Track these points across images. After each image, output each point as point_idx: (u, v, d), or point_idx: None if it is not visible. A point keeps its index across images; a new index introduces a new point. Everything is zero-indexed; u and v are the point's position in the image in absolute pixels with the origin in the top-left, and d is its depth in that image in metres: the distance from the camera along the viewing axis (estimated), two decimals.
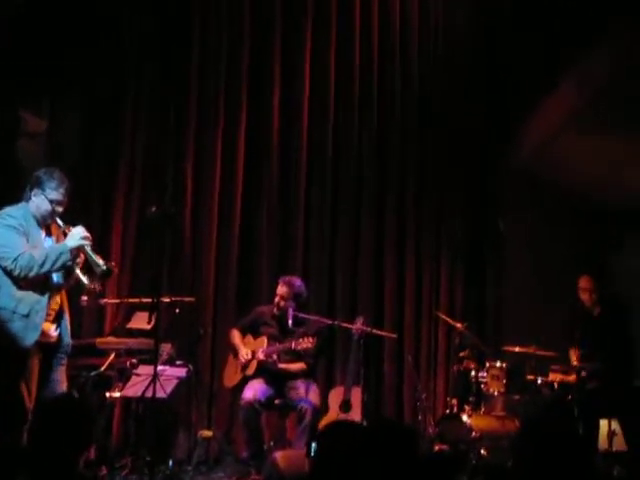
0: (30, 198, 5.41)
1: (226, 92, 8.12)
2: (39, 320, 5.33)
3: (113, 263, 5.51)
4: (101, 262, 5.38)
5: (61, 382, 5.47)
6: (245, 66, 8.19)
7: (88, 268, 5.49)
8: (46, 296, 5.39)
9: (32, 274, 5.23)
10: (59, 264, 5.29)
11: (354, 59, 8.50)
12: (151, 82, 7.94)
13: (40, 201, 5.40)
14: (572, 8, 7.50)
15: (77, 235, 5.35)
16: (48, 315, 5.39)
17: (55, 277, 5.45)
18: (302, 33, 8.37)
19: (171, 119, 8.00)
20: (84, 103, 7.72)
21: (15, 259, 5.21)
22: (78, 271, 5.47)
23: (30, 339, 5.29)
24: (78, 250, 5.40)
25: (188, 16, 8.09)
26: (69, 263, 5.35)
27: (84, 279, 5.49)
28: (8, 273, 5.26)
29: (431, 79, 8.70)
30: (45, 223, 5.49)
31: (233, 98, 8.13)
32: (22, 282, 5.28)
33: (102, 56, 7.72)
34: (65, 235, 5.45)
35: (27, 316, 5.28)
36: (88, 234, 5.40)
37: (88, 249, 5.41)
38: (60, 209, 5.43)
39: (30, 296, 5.30)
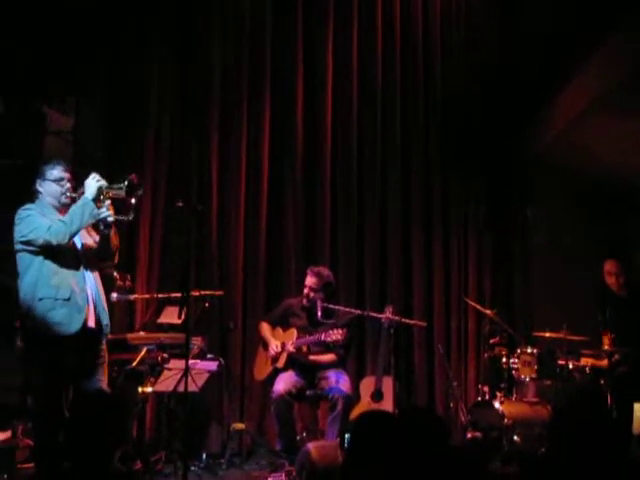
0: (39, 193, 5.50)
1: (250, 87, 8.13)
2: (82, 302, 5.36)
3: (133, 175, 5.56)
4: (122, 185, 5.45)
5: (102, 382, 5.48)
6: (269, 60, 8.19)
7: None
8: (80, 276, 5.42)
9: (67, 237, 5.28)
10: (87, 217, 5.34)
11: (376, 52, 8.52)
12: (175, 78, 7.95)
13: (47, 187, 5.50)
14: None
15: (92, 183, 5.40)
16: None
17: (79, 241, 5.51)
18: (324, 26, 8.37)
19: (196, 115, 8.00)
20: (109, 100, 7.74)
21: (47, 230, 5.26)
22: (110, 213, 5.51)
23: (76, 324, 5.31)
24: (100, 194, 5.43)
25: (209, 14, 8.09)
26: (96, 212, 5.39)
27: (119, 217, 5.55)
28: (45, 253, 5.30)
29: (453, 67, 8.70)
30: (62, 206, 5.53)
31: (257, 92, 8.15)
32: (57, 262, 5.32)
33: (127, 54, 7.74)
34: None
35: (69, 299, 5.31)
36: (99, 176, 5.44)
37: (106, 186, 5.45)
38: (68, 185, 5.52)
39: (67, 279, 5.34)
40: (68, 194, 5.51)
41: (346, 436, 3.68)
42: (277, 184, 8.18)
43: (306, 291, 7.10)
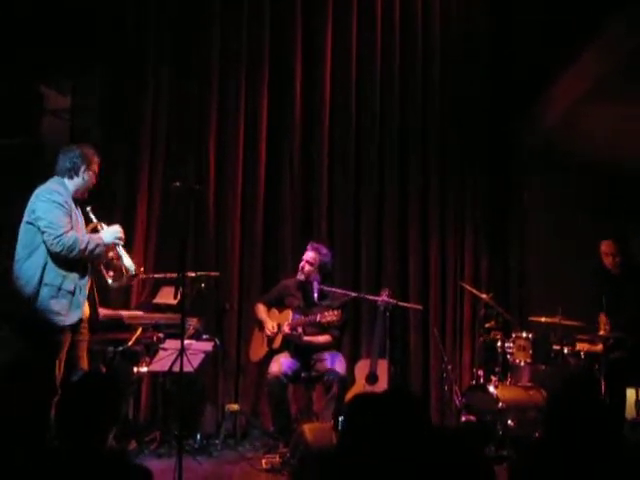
0: (76, 175, 5.51)
1: (248, 66, 8.09)
2: (82, 299, 5.41)
3: (142, 268, 5.64)
4: (131, 266, 5.51)
5: (82, 357, 5.53)
6: (267, 40, 8.15)
7: (113, 266, 5.61)
8: (86, 277, 5.46)
9: (72, 255, 5.30)
10: (94, 254, 5.40)
11: (376, 41, 8.46)
12: (173, 58, 7.91)
13: (88, 177, 5.56)
14: None
15: (114, 233, 5.50)
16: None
17: None
18: (324, 15, 8.33)
19: (194, 94, 7.98)
20: (106, 79, 7.72)
21: (59, 236, 5.26)
22: (102, 267, 5.59)
23: (73, 317, 5.37)
24: (108, 248, 5.50)
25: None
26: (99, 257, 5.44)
27: (109, 279, 5.61)
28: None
29: (452, 54, 8.65)
30: (81, 197, 5.56)
31: (255, 72, 8.11)
32: (64, 264, 5.34)
33: (123, 32, 7.72)
34: (96, 230, 5.54)
35: (72, 293, 5.33)
36: (123, 235, 5.49)
37: (120, 249, 5.51)
38: (95, 181, 5.64)
39: (74, 273, 5.35)
40: (89, 213, 5.69)
41: (340, 419, 3.70)
42: (274, 166, 8.16)
43: (302, 264, 7.12)
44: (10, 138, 7.30)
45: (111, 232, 5.53)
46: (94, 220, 5.67)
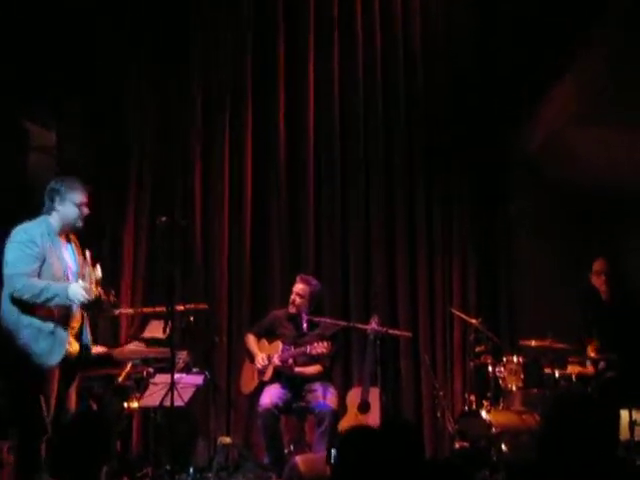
0: (54, 209, 5.43)
1: (231, 101, 8.13)
2: (65, 336, 5.35)
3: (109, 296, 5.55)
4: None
5: (71, 397, 5.50)
6: (249, 73, 8.19)
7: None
8: (70, 312, 5.41)
9: (24, 298, 5.21)
10: (51, 303, 5.25)
11: (357, 61, 8.46)
12: (157, 93, 7.94)
13: (68, 209, 5.43)
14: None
15: (80, 295, 5.26)
16: (72, 329, 5.42)
17: (73, 265, 5.51)
18: (305, 39, 8.35)
19: (178, 127, 8.00)
20: (91, 115, 7.73)
21: (11, 277, 5.22)
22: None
23: (56, 357, 5.31)
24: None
25: (189, 29, 8.10)
26: (68, 303, 5.33)
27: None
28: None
29: (436, 70, 8.65)
30: (71, 230, 5.51)
31: (239, 105, 8.14)
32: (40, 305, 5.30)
33: (106, 68, 7.73)
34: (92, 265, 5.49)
35: (53, 333, 5.29)
36: (88, 298, 5.31)
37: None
38: (86, 210, 5.50)
39: (54, 313, 5.31)
40: (87, 256, 5.53)
41: (332, 451, 3.69)
42: (260, 197, 8.17)
43: (293, 297, 7.12)
44: None
45: (78, 291, 5.25)
46: (89, 259, 5.60)
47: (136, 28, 7.91)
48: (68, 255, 5.52)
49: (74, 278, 5.44)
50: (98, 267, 5.48)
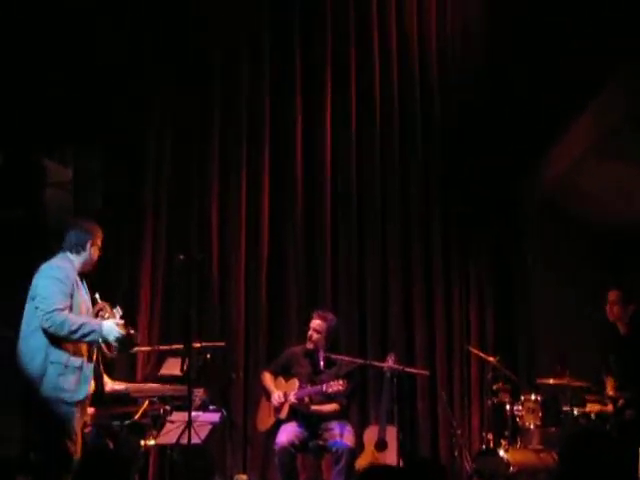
0: (80, 250, 5.51)
1: (248, 133, 8.17)
2: (89, 373, 5.38)
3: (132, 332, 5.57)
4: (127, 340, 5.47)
5: (80, 441, 5.47)
6: (267, 105, 8.24)
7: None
8: (94, 348, 5.44)
9: (62, 334, 5.23)
10: (86, 339, 5.30)
11: (375, 95, 8.55)
12: (174, 130, 7.98)
13: (93, 251, 5.57)
14: (595, 33, 7.55)
15: (115, 332, 5.34)
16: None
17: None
18: (323, 73, 8.43)
19: (195, 165, 8.04)
20: (107, 151, 7.77)
21: (50, 313, 5.23)
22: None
23: (83, 392, 5.34)
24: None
25: (208, 63, 8.15)
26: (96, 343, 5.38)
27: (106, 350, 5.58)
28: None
29: (452, 106, 8.72)
30: (88, 272, 5.59)
31: (256, 138, 8.19)
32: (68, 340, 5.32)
33: (124, 102, 7.78)
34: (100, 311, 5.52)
35: (80, 368, 5.31)
36: (121, 336, 5.39)
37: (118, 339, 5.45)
38: (101, 254, 5.63)
39: (81, 345, 5.33)
40: (97, 297, 5.62)
41: None
42: (277, 233, 8.19)
43: (310, 333, 7.11)
44: (11, 211, 7.33)
45: (113, 328, 5.35)
46: (99, 301, 5.65)
47: (156, 62, 7.95)
48: (84, 293, 5.57)
49: (90, 315, 5.50)
50: (118, 308, 5.54)
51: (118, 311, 5.60)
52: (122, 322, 5.44)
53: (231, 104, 8.18)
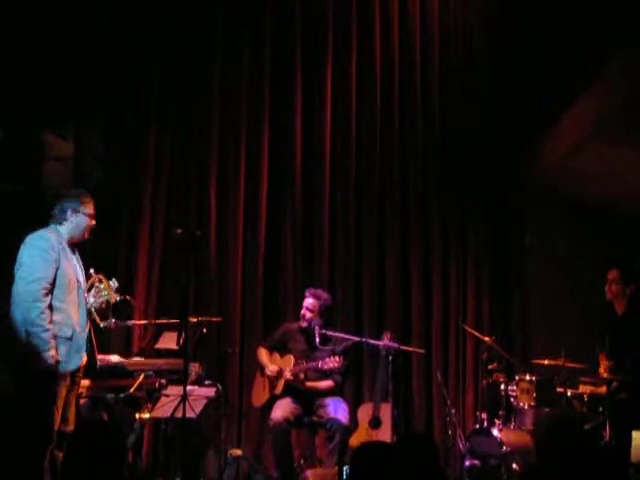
0: (66, 220, 5.49)
1: (248, 112, 8.13)
2: (82, 342, 5.38)
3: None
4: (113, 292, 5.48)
5: (70, 404, 5.49)
6: (267, 85, 8.21)
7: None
8: (85, 317, 5.44)
9: (25, 313, 5.19)
10: (33, 340, 5.18)
11: (375, 78, 8.52)
12: (174, 105, 7.95)
13: (80, 220, 5.52)
14: (592, 18, 7.53)
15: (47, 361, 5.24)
16: None
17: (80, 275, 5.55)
18: (324, 61, 8.38)
19: (195, 142, 8.02)
20: (108, 126, 7.76)
21: (31, 282, 5.22)
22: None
23: (75, 363, 5.34)
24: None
25: (210, 38, 8.12)
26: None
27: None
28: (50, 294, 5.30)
29: (451, 96, 8.71)
30: (79, 240, 5.56)
31: (256, 117, 8.15)
32: (62, 296, 5.32)
33: (126, 78, 7.76)
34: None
35: (70, 339, 5.31)
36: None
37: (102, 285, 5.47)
38: (94, 222, 5.59)
39: (71, 317, 5.33)
40: (92, 272, 5.63)
41: (344, 468, 3.69)
42: (275, 211, 8.18)
43: (303, 312, 7.14)
44: (12, 184, 7.32)
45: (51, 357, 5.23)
46: (93, 275, 5.65)
47: (159, 44, 7.92)
48: (76, 265, 5.56)
49: (81, 287, 5.51)
50: (114, 280, 5.56)
51: (114, 283, 5.61)
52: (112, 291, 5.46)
53: (231, 87, 8.13)
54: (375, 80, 8.51)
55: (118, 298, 5.53)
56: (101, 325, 5.82)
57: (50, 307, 5.26)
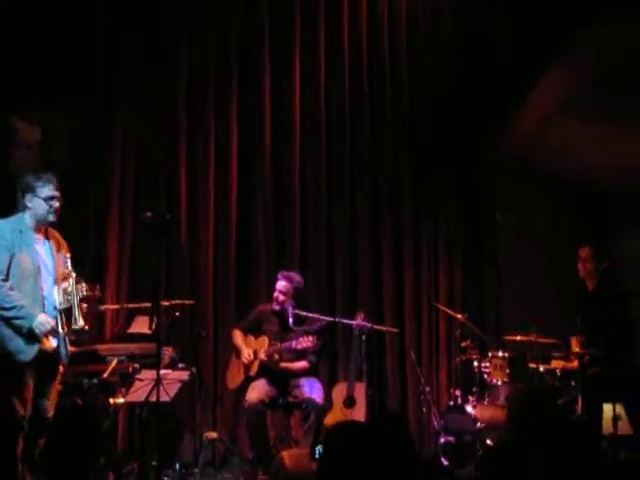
0: (26, 206, 5.45)
1: (216, 94, 8.08)
2: (38, 332, 5.34)
3: (87, 327, 5.52)
4: (79, 321, 5.43)
5: (52, 394, 5.47)
6: (235, 66, 8.16)
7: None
8: (39, 301, 5.39)
9: None
10: (14, 321, 5.23)
11: (343, 50, 8.51)
12: (141, 89, 7.87)
13: (37, 204, 5.44)
14: None
15: (42, 326, 5.29)
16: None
17: (49, 261, 5.51)
18: (291, 30, 8.34)
19: (163, 124, 7.96)
20: (76, 112, 7.68)
21: None
22: None
23: (30, 354, 5.30)
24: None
25: (176, 20, 8.05)
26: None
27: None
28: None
29: (419, 73, 8.71)
30: (45, 224, 5.51)
31: (224, 99, 8.10)
32: (17, 289, 5.28)
33: (93, 63, 7.69)
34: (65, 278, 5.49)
35: (23, 329, 5.28)
36: (49, 329, 5.35)
37: (75, 301, 5.43)
38: (57, 204, 5.49)
39: (25, 309, 5.29)
40: (67, 261, 5.53)
41: (317, 447, 3.71)
42: (246, 192, 8.15)
43: (276, 294, 7.13)
44: None
45: (44, 324, 5.28)
46: (69, 267, 5.61)
47: (125, 28, 7.83)
48: (44, 252, 5.51)
49: (49, 275, 5.47)
50: (83, 284, 5.50)
51: (82, 287, 5.55)
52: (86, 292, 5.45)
53: (198, 67, 8.07)
54: (343, 61, 8.50)
55: (77, 304, 5.45)
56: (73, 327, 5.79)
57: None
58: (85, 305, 5.58)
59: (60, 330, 5.44)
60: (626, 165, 7.98)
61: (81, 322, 5.41)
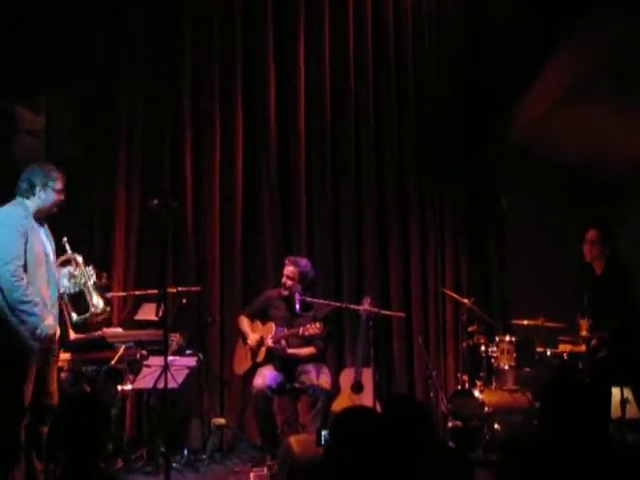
0: (33, 194, 5.44)
1: (221, 82, 8.04)
2: (52, 320, 5.35)
3: (108, 308, 5.56)
4: (99, 303, 5.46)
5: (52, 378, 5.50)
6: (240, 54, 8.11)
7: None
8: (55, 291, 5.41)
9: (6, 293, 5.21)
10: (25, 318, 5.23)
11: (348, 43, 8.46)
12: (146, 73, 7.85)
13: (48, 195, 5.47)
14: None
15: (47, 330, 5.30)
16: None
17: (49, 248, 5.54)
18: (296, 27, 8.31)
19: (168, 110, 7.93)
20: (80, 98, 7.67)
21: (7, 263, 5.20)
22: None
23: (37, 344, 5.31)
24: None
25: (181, 11, 8.01)
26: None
27: (73, 314, 5.60)
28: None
29: (426, 60, 8.69)
30: (45, 215, 5.51)
31: (229, 87, 8.07)
32: (32, 271, 5.29)
33: (97, 50, 7.66)
34: (68, 262, 5.50)
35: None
36: (53, 332, 5.38)
37: (90, 285, 5.47)
38: (63, 197, 5.55)
39: (41, 292, 5.30)
40: (66, 245, 5.65)
41: (323, 433, 3.70)
42: (252, 178, 8.13)
43: (283, 280, 7.12)
44: None
45: (49, 328, 5.31)
46: (69, 252, 5.62)
47: (130, 16, 7.79)
48: (44, 236, 5.54)
49: (50, 260, 5.49)
50: (91, 267, 5.53)
51: (90, 271, 5.57)
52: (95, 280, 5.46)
53: (202, 52, 8.03)
54: (348, 48, 8.45)
55: (92, 287, 5.48)
56: (73, 319, 5.80)
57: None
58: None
59: (68, 316, 5.48)
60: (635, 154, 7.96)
61: (101, 305, 5.45)
